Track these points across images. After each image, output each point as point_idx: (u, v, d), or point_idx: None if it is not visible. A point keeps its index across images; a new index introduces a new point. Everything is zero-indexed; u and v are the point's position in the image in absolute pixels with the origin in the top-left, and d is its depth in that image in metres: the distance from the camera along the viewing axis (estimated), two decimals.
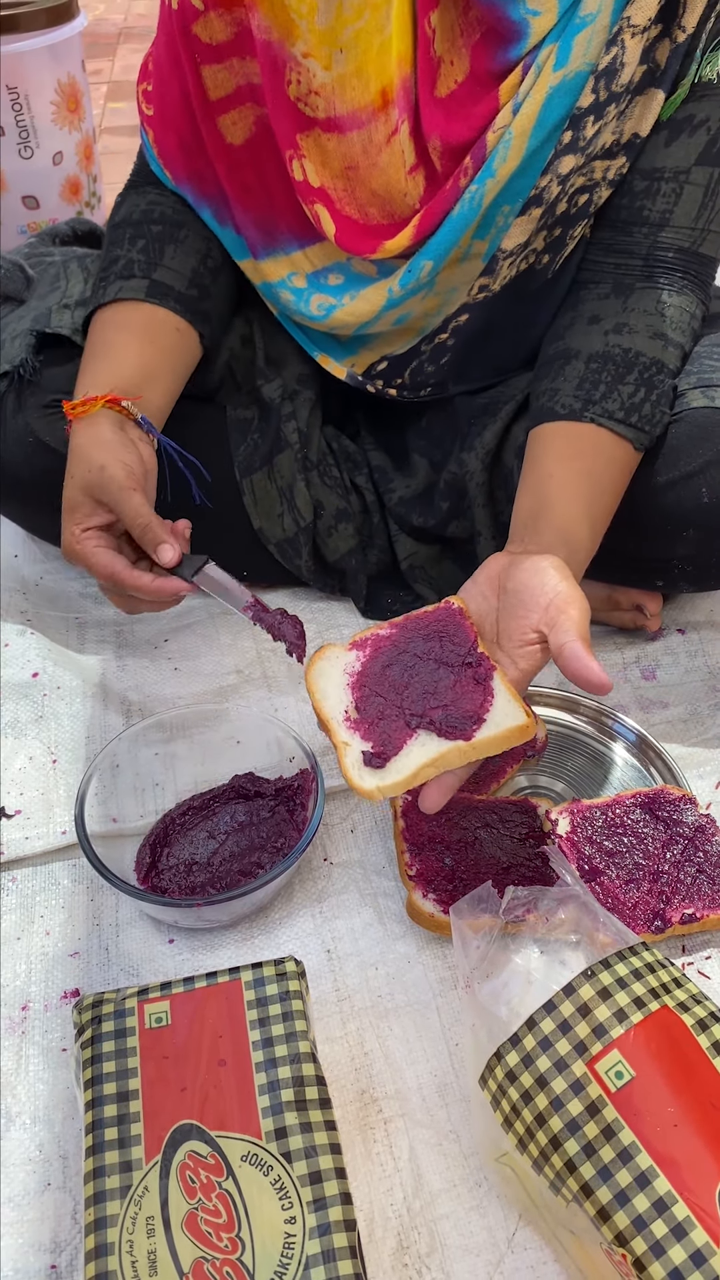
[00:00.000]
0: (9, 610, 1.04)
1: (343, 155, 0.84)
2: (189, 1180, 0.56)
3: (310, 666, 0.74)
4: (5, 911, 0.80)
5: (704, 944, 0.78)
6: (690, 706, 0.98)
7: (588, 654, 0.66)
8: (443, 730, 0.68)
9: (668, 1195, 0.53)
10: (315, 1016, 0.72)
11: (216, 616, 1.07)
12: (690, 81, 0.78)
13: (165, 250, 0.92)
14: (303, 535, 1.00)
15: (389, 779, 0.67)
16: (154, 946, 0.78)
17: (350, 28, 0.78)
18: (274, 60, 0.81)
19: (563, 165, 0.80)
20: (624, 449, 0.84)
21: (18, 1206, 0.64)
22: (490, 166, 0.79)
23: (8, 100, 1.50)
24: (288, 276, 0.94)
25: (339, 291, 0.92)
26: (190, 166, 0.91)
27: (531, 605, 0.70)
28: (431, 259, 0.85)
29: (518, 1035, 0.60)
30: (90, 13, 2.69)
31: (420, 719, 0.69)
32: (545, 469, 0.82)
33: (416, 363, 0.96)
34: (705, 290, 0.88)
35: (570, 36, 0.75)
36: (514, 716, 0.68)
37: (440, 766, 0.68)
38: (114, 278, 0.91)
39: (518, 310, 0.92)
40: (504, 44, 0.77)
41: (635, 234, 0.85)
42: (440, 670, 0.71)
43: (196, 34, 0.83)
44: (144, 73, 0.91)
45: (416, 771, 0.67)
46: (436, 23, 0.77)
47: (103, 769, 0.81)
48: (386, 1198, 0.64)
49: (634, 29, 0.75)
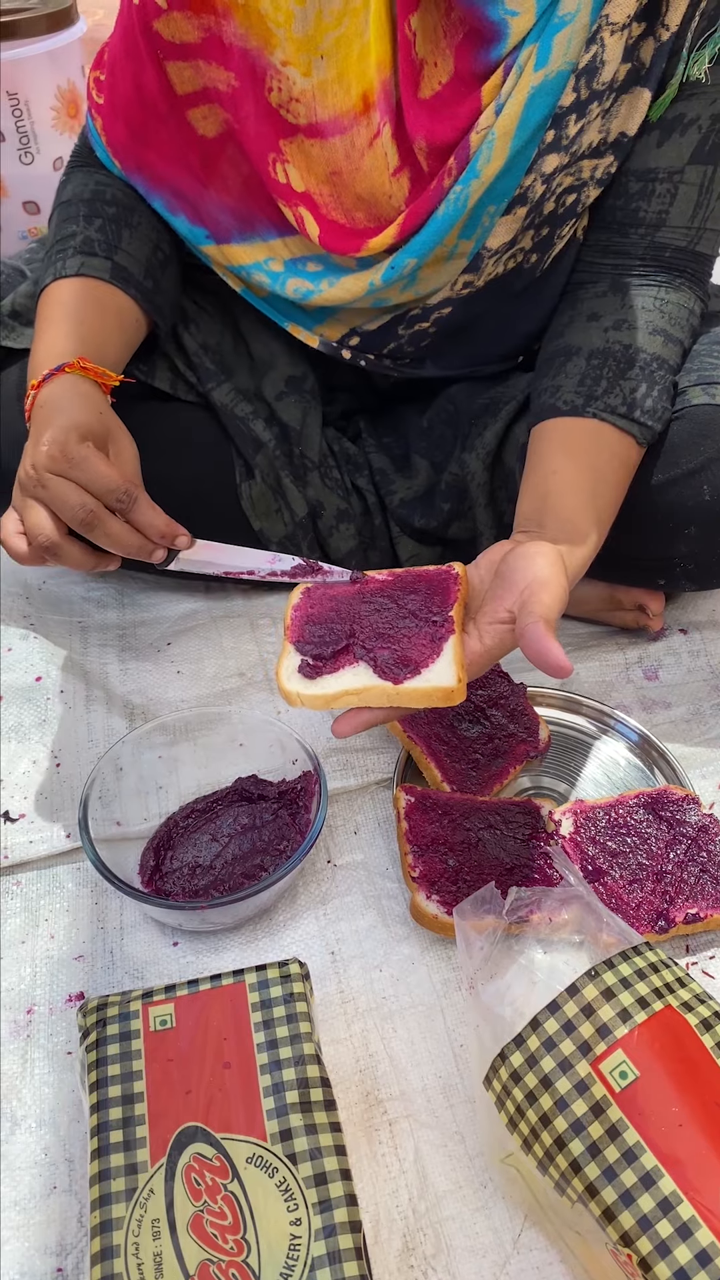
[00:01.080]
0: (12, 615, 1.04)
1: (326, 160, 0.84)
2: (194, 1183, 0.56)
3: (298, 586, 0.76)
4: (10, 915, 0.80)
5: (708, 944, 0.78)
6: (693, 706, 0.98)
7: (547, 635, 0.65)
8: (378, 668, 0.69)
9: (673, 1195, 0.53)
10: (320, 1018, 0.72)
11: (219, 620, 1.07)
12: (678, 81, 0.78)
13: (122, 234, 0.91)
14: (301, 531, 1.00)
15: (310, 690, 0.69)
16: (158, 949, 0.78)
17: (329, 34, 0.78)
18: (253, 68, 0.81)
19: (547, 164, 0.80)
20: (627, 444, 0.84)
21: (23, 1210, 0.64)
22: (474, 167, 0.79)
23: (8, 106, 1.51)
24: (264, 260, 0.93)
25: (316, 278, 0.92)
26: (140, 157, 0.91)
27: (511, 587, 0.70)
28: (415, 257, 0.85)
29: (522, 1036, 0.60)
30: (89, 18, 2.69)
31: (366, 652, 0.70)
32: (549, 465, 0.82)
33: (395, 345, 0.95)
34: (703, 287, 0.88)
35: (550, 36, 0.75)
36: (445, 677, 0.68)
37: (362, 699, 0.68)
38: (74, 252, 0.89)
39: (502, 307, 0.92)
40: (485, 44, 0.77)
41: (632, 235, 0.85)
42: (406, 620, 0.72)
43: (158, 30, 0.82)
44: (99, 62, 0.90)
45: (338, 694, 0.68)
46: (417, 25, 0.77)
47: (106, 772, 0.81)
48: (392, 1199, 0.64)
49: (613, 26, 0.75)
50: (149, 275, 0.91)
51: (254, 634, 1.05)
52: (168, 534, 0.77)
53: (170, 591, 1.10)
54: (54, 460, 0.74)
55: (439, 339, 0.94)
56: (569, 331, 0.88)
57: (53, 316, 0.86)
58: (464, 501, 0.99)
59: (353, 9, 0.77)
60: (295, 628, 0.73)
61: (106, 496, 0.74)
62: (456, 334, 0.94)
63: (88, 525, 0.74)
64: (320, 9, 0.78)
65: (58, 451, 0.74)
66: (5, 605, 1.05)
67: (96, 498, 0.74)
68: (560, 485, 0.80)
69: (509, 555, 0.73)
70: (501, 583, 0.71)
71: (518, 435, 0.96)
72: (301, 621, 0.73)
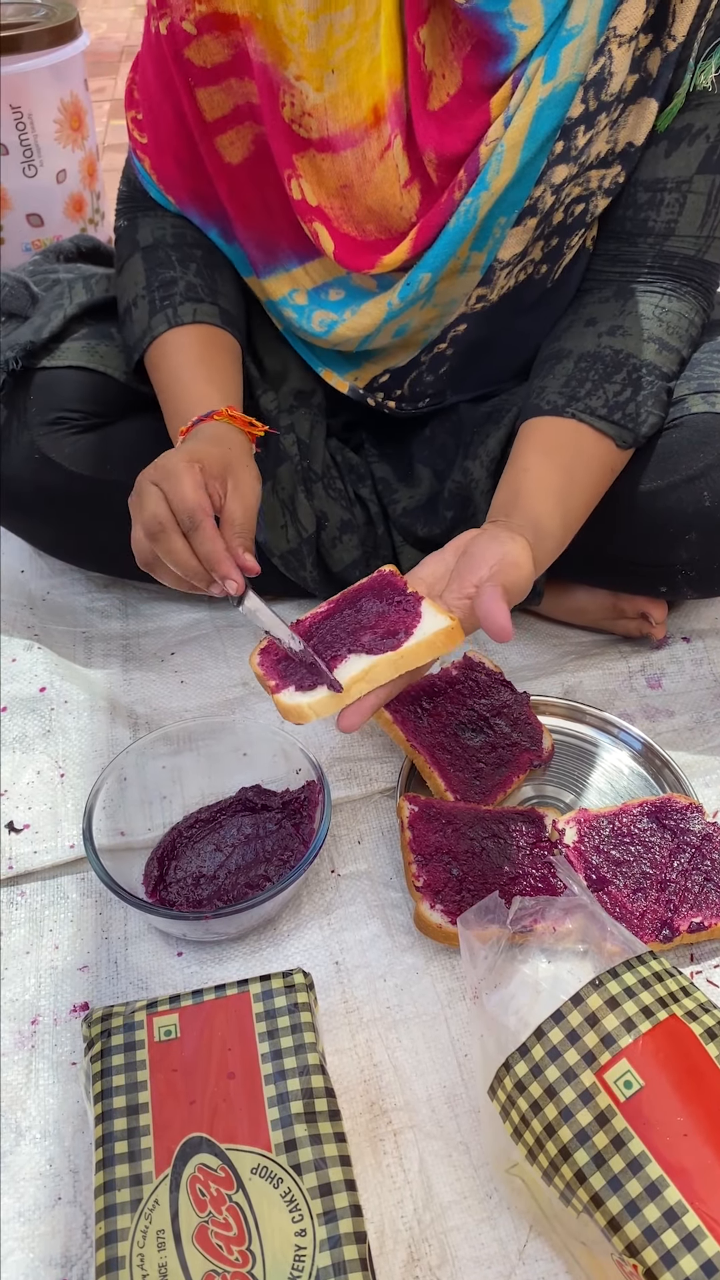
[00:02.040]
0: (16, 625, 1.04)
1: (337, 174, 0.84)
2: (199, 1193, 0.56)
3: (254, 651, 0.75)
4: (14, 926, 0.80)
5: (712, 952, 0.78)
6: (696, 714, 0.98)
7: (500, 598, 0.66)
8: (371, 649, 0.69)
9: (678, 1205, 0.53)
10: (324, 1028, 0.72)
11: (222, 629, 1.07)
12: (685, 91, 0.78)
13: (216, 277, 0.93)
14: (306, 546, 1.01)
15: (316, 696, 0.68)
16: (163, 959, 0.78)
17: (341, 48, 0.79)
18: (270, 83, 0.82)
19: (556, 175, 0.80)
20: (604, 446, 0.84)
21: (28, 1221, 0.64)
22: (484, 179, 0.80)
23: (11, 120, 1.52)
24: (289, 294, 0.94)
25: (340, 307, 0.93)
26: (192, 188, 0.92)
27: (479, 563, 0.71)
28: (429, 271, 0.85)
29: (526, 1045, 0.60)
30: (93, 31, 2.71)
31: (349, 646, 0.70)
32: (524, 462, 0.83)
33: (416, 373, 0.96)
34: (708, 297, 0.88)
35: (558, 49, 0.76)
36: (438, 622, 0.68)
37: (371, 680, 0.67)
38: (181, 298, 0.91)
39: (516, 321, 0.92)
40: (493, 57, 0.77)
41: (640, 244, 0.85)
42: (370, 614, 0.72)
43: (190, 58, 0.83)
44: (130, 100, 0.91)
45: (347, 687, 0.67)
46: (426, 38, 0.77)
47: (110, 782, 0.81)
48: (397, 1210, 0.64)
49: (620, 39, 0.75)
50: (241, 315, 0.95)
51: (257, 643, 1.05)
52: (218, 570, 0.75)
53: (174, 602, 1.11)
54: (155, 468, 0.76)
55: (457, 361, 0.95)
56: (565, 335, 0.88)
57: (185, 365, 0.88)
58: (467, 509, 0.99)
59: (363, 23, 0.78)
60: (272, 677, 0.72)
61: (179, 514, 0.74)
62: (474, 354, 0.95)
63: (153, 535, 0.74)
64: (332, 23, 0.78)
65: (162, 462, 0.76)
66: (9, 616, 1.05)
67: (174, 513, 0.74)
68: (531, 483, 0.80)
69: (476, 539, 0.74)
70: (468, 560, 0.72)
71: None
72: (273, 667, 0.73)
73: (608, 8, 0.75)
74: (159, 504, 0.74)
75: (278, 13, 0.78)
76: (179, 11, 0.81)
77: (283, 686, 0.70)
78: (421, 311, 0.90)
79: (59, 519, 1.00)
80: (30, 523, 1.03)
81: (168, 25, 0.82)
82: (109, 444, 0.96)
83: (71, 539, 1.04)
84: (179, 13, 0.81)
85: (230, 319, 0.92)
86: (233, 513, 0.76)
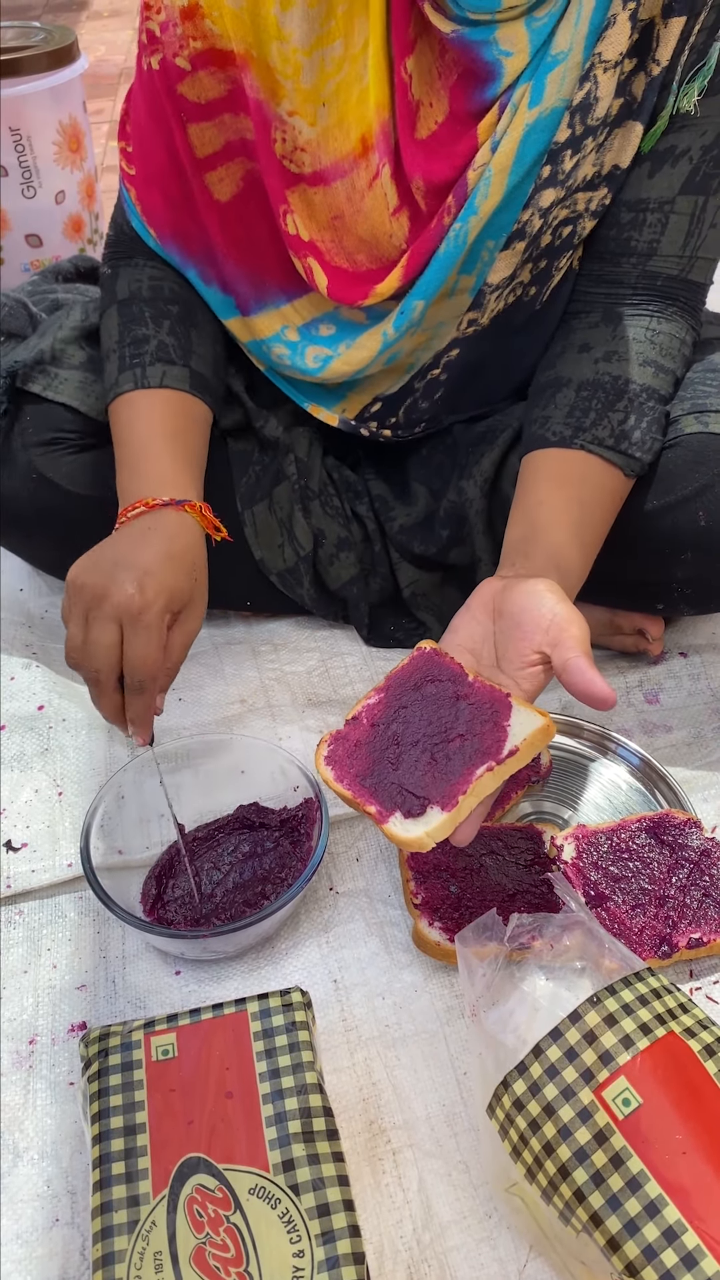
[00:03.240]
0: (14, 643, 1.04)
1: (328, 206, 0.85)
2: (196, 1214, 0.56)
3: (317, 754, 0.73)
4: (12, 945, 0.80)
5: (711, 969, 0.78)
6: (694, 730, 0.98)
7: (592, 668, 0.67)
8: (470, 759, 0.68)
9: (677, 1224, 0.52)
10: (322, 1047, 0.72)
11: (221, 647, 1.07)
12: (669, 113, 0.79)
13: (190, 335, 0.93)
14: (303, 565, 1.01)
15: (434, 822, 0.66)
16: (161, 978, 0.78)
17: (331, 81, 0.80)
18: (264, 119, 0.82)
19: (543, 199, 0.81)
20: (613, 475, 0.85)
21: (26, 1243, 0.64)
22: (472, 204, 0.81)
23: (10, 141, 1.53)
24: (280, 330, 0.94)
25: (333, 342, 0.93)
26: (176, 224, 0.91)
27: (531, 627, 0.71)
28: (422, 298, 0.86)
29: (524, 1063, 0.60)
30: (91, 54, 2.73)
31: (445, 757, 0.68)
32: (536, 496, 0.83)
33: (410, 400, 0.96)
34: (695, 316, 0.89)
35: (543, 75, 0.76)
36: (532, 721, 0.68)
37: (478, 794, 0.67)
38: (152, 359, 0.90)
39: (506, 342, 0.93)
40: (480, 84, 0.78)
41: (624, 264, 0.86)
42: (442, 709, 0.71)
43: (183, 94, 0.83)
44: (122, 131, 0.91)
45: (460, 806, 0.66)
46: (413, 68, 0.78)
47: (108, 801, 0.81)
48: (396, 1230, 0.64)
49: (605, 64, 0.76)
50: (216, 375, 0.94)
51: (255, 660, 1.06)
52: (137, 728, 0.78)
53: None
54: (127, 610, 0.73)
55: (451, 386, 0.95)
56: (560, 362, 0.89)
57: (148, 434, 0.87)
58: (463, 528, 1.00)
59: (352, 55, 0.79)
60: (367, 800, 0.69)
61: (131, 672, 0.74)
62: (467, 377, 0.95)
63: (91, 681, 0.75)
64: (324, 58, 0.79)
65: (136, 607, 0.73)
66: (8, 634, 1.05)
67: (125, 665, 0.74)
68: (547, 517, 0.81)
69: (508, 595, 0.73)
70: (515, 626, 0.72)
71: (514, 463, 0.97)
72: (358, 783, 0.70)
73: (592, 34, 0.75)
74: (109, 652, 0.73)
75: (271, 51, 0.79)
76: (172, 48, 0.81)
77: (387, 814, 0.68)
78: (412, 338, 0.91)
79: (56, 538, 1.00)
80: (28, 542, 1.04)
81: (160, 61, 0.83)
82: (106, 463, 0.97)
83: (69, 557, 1.04)
84: (172, 49, 0.81)
85: (201, 383, 0.91)
86: (173, 649, 0.77)
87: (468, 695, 0.70)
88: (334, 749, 0.72)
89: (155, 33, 0.82)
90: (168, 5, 0.80)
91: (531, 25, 0.75)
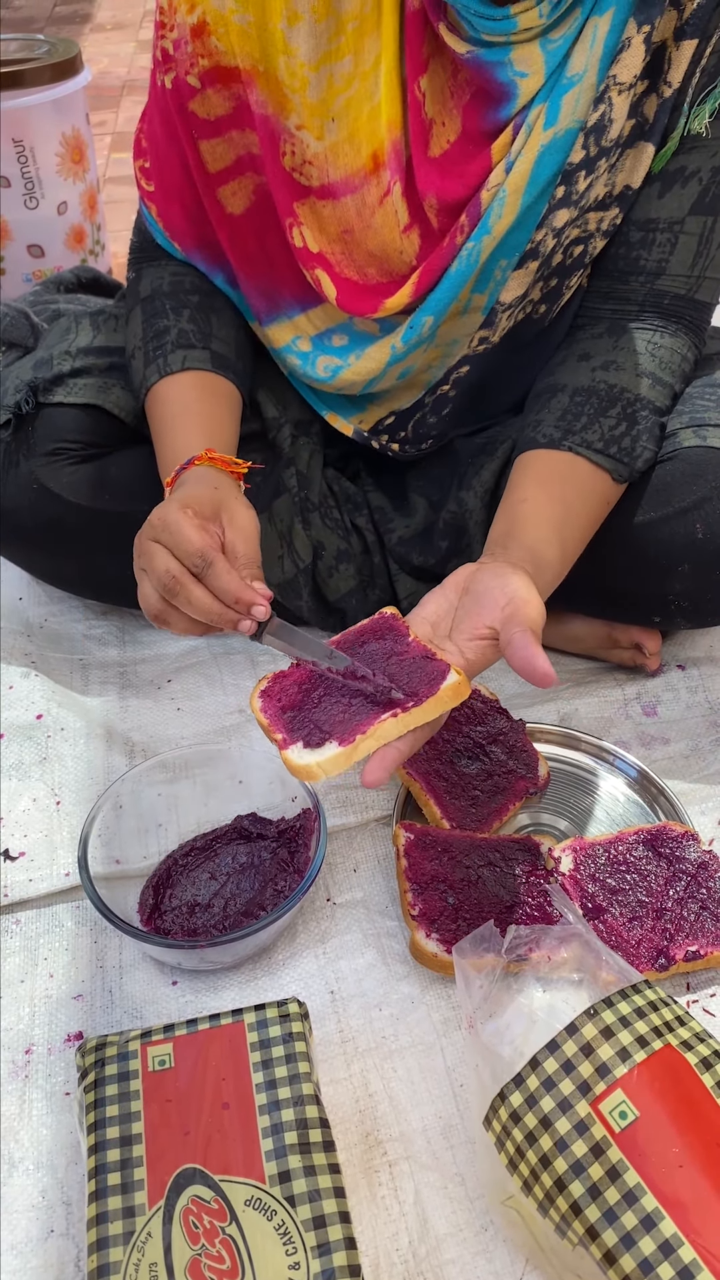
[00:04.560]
0: (13, 653, 1.04)
1: (338, 220, 0.86)
2: (192, 1225, 0.56)
3: (255, 687, 0.74)
4: (9, 954, 0.80)
5: (708, 981, 0.78)
6: (691, 742, 0.98)
7: (535, 645, 0.66)
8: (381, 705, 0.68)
9: (674, 1237, 0.52)
10: (319, 1058, 0.72)
11: (219, 657, 1.08)
12: (679, 134, 0.80)
13: (211, 320, 0.94)
14: (302, 577, 1.01)
15: (326, 754, 0.67)
16: (157, 988, 0.78)
17: (341, 97, 0.80)
18: (271, 133, 0.83)
19: (557, 219, 0.82)
20: (601, 479, 0.85)
21: (20, 1254, 0.63)
22: (486, 223, 0.81)
23: (13, 153, 1.54)
24: (293, 341, 0.95)
25: (344, 352, 0.94)
26: (198, 236, 0.93)
27: (489, 604, 0.71)
28: (432, 314, 0.86)
29: (521, 1075, 0.60)
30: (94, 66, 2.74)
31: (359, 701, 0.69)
32: (521, 493, 0.83)
33: (419, 415, 0.97)
34: (699, 334, 0.89)
35: (559, 96, 0.77)
36: (446, 678, 0.68)
37: (379, 738, 0.67)
38: (173, 347, 0.91)
39: (514, 358, 0.93)
40: (494, 104, 0.79)
41: (632, 283, 0.86)
42: (374, 662, 0.72)
43: (194, 111, 0.85)
44: (138, 150, 0.93)
45: (356, 745, 0.66)
46: (426, 87, 0.79)
47: (106, 810, 0.81)
48: (392, 1242, 0.64)
49: (620, 86, 0.77)
50: (240, 356, 0.95)
51: (254, 671, 1.06)
52: (242, 601, 0.73)
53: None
54: (151, 526, 0.75)
55: (459, 402, 0.96)
56: (559, 370, 0.89)
57: (173, 414, 0.88)
58: (462, 539, 1.00)
59: (362, 72, 0.79)
60: (278, 728, 0.70)
61: (188, 560, 0.73)
62: (475, 394, 0.96)
63: (171, 591, 0.74)
64: (332, 74, 0.80)
65: (156, 519, 0.74)
66: (7, 643, 1.05)
67: (181, 562, 0.73)
68: (528, 513, 0.81)
69: (478, 575, 0.74)
70: (475, 601, 0.72)
71: None
72: (278, 716, 0.72)
73: (607, 56, 0.76)
74: (166, 559, 0.73)
75: (279, 65, 0.80)
76: (183, 66, 0.82)
77: (290, 742, 0.69)
78: (425, 354, 0.91)
79: (57, 548, 1.00)
80: (29, 552, 1.04)
81: (173, 79, 0.84)
82: (107, 474, 0.97)
83: (69, 568, 1.05)
84: (183, 67, 0.82)
85: (223, 361, 0.92)
86: (234, 546, 0.76)
87: (401, 652, 0.71)
88: (270, 685, 0.74)
89: (169, 51, 0.83)
90: (179, 23, 0.81)
91: (547, 47, 0.76)
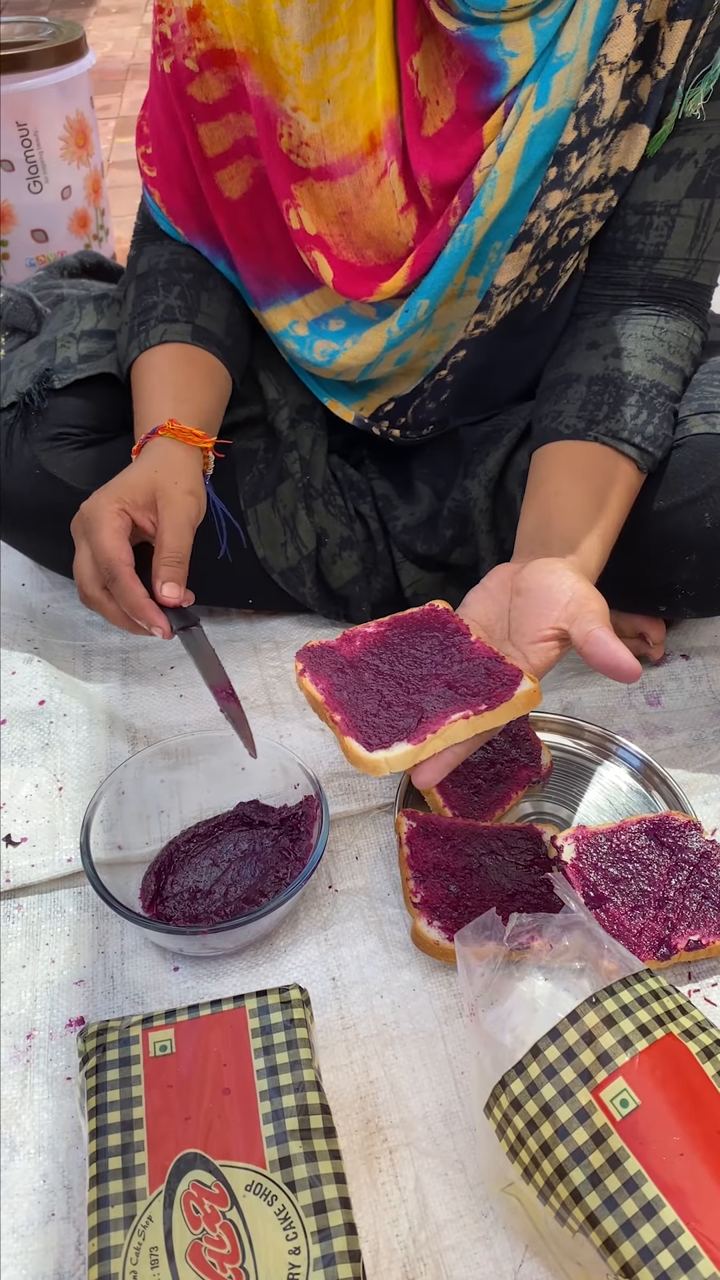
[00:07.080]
0: (16, 638, 1.04)
1: (336, 201, 0.85)
2: (193, 1210, 0.56)
3: (299, 660, 0.73)
4: (11, 939, 0.80)
5: (710, 970, 0.78)
6: (695, 732, 0.98)
7: (614, 639, 0.66)
8: (449, 704, 0.67)
9: (674, 1225, 0.52)
10: (320, 1045, 0.72)
11: (222, 644, 1.07)
12: (675, 117, 0.79)
13: (201, 297, 0.93)
14: (305, 564, 1.01)
15: (396, 751, 0.65)
16: (159, 974, 0.78)
17: (336, 78, 0.80)
18: (267, 115, 0.83)
19: (550, 200, 0.81)
20: (628, 468, 0.84)
21: (21, 1237, 0.63)
22: (478, 205, 0.81)
23: (17, 136, 1.53)
24: (290, 325, 0.95)
25: (340, 336, 0.94)
26: (201, 221, 0.93)
27: (549, 603, 0.70)
28: (427, 298, 0.86)
29: (522, 1063, 0.60)
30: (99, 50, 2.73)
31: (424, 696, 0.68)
32: (552, 487, 0.82)
33: (418, 401, 0.97)
34: (702, 316, 0.89)
35: (549, 76, 0.77)
36: (520, 684, 0.67)
37: (447, 739, 0.66)
38: (155, 322, 0.91)
39: (514, 345, 0.93)
40: (486, 84, 0.78)
41: (630, 267, 0.86)
42: (433, 654, 0.71)
43: (192, 95, 0.84)
44: (140, 136, 0.93)
45: (425, 744, 0.65)
46: (419, 65, 0.79)
47: (108, 796, 0.81)
48: (392, 1228, 0.64)
49: (611, 66, 0.76)
50: (229, 333, 0.94)
51: (257, 658, 1.06)
52: (143, 618, 0.79)
53: None
54: (81, 518, 0.81)
55: (458, 388, 0.95)
56: (569, 360, 0.89)
57: (149, 384, 0.90)
58: (466, 528, 1.00)
59: (357, 52, 0.79)
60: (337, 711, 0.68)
61: (99, 566, 0.79)
62: (474, 380, 0.95)
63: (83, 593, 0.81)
64: (326, 54, 0.79)
65: (86, 510, 0.80)
66: (9, 629, 1.05)
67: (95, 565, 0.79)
68: (564, 506, 0.80)
69: (526, 574, 0.73)
70: (532, 600, 0.72)
71: (519, 462, 0.97)
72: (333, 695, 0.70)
73: (598, 36, 0.75)
74: (85, 562, 0.79)
75: (274, 46, 0.79)
76: (181, 50, 0.82)
77: (351, 731, 0.67)
78: (422, 338, 0.91)
79: (59, 534, 1.00)
80: (31, 537, 1.04)
81: (171, 64, 0.84)
82: (109, 459, 0.97)
83: (71, 553, 1.05)
84: (181, 51, 0.82)
85: (206, 335, 0.91)
86: (162, 538, 0.79)
87: (462, 648, 0.71)
88: (316, 654, 0.73)
89: (167, 35, 0.83)
90: (177, 7, 0.81)
91: (536, 26, 0.75)
